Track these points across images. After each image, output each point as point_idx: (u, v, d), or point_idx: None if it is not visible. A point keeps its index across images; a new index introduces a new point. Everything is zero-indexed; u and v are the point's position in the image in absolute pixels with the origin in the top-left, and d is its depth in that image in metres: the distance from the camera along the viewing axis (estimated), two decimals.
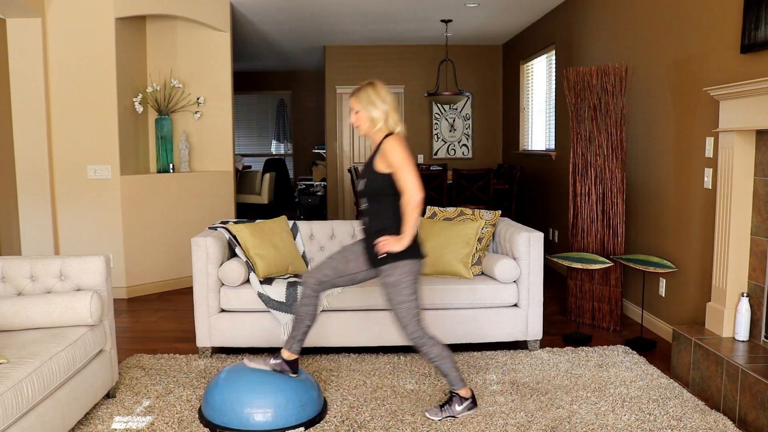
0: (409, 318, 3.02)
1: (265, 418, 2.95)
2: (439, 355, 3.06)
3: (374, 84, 3.03)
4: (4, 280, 3.21)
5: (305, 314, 3.11)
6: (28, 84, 5.27)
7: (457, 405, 3.13)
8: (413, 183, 2.88)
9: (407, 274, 2.99)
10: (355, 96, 3.02)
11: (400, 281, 2.98)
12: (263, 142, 12.77)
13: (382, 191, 2.98)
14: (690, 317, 4.10)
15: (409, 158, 2.91)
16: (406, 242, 2.92)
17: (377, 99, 2.99)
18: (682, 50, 4.19)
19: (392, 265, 2.98)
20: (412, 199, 2.87)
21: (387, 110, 2.99)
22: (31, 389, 2.50)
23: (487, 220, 4.30)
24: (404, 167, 2.89)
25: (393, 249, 2.93)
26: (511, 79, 8.68)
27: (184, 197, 5.98)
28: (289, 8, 6.73)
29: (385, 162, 2.94)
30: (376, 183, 2.99)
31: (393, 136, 2.97)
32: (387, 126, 3.00)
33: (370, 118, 2.99)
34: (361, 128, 3.04)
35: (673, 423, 3.07)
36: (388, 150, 2.92)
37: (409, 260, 2.98)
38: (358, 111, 3.01)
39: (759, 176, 3.45)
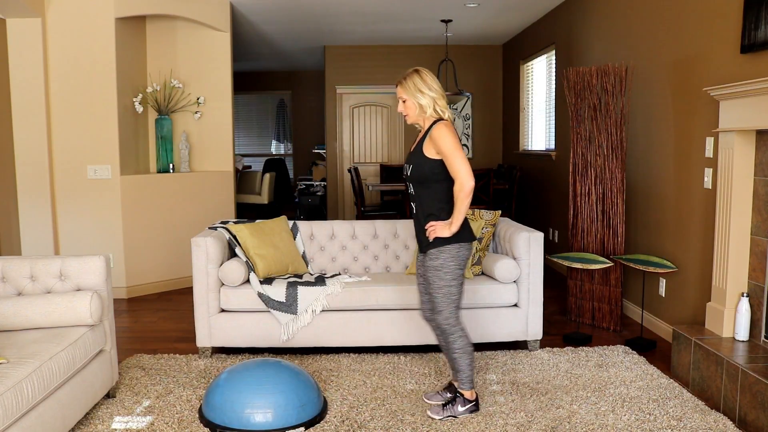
0: (446, 303, 3.03)
1: (265, 419, 2.95)
2: (462, 349, 3.08)
3: (420, 71, 3.01)
4: (4, 280, 3.21)
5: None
6: (28, 84, 5.27)
7: (460, 406, 3.13)
8: (465, 170, 2.88)
9: (452, 259, 2.99)
10: (401, 85, 3.01)
11: (444, 265, 2.99)
12: (263, 142, 12.77)
13: (430, 177, 2.99)
14: (690, 317, 4.10)
15: (459, 145, 2.92)
16: (455, 228, 2.94)
17: (424, 86, 2.98)
18: (682, 50, 4.19)
19: (438, 249, 2.99)
20: (465, 186, 2.88)
21: (435, 97, 2.99)
22: (31, 389, 2.50)
23: (487, 220, 4.30)
24: (455, 154, 2.89)
25: (443, 234, 2.94)
26: (511, 79, 8.68)
27: (184, 197, 5.98)
28: (289, 8, 6.73)
29: (435, 148, 2.94)
30: (424, 168, 2.99)
31: (443, 122, 2.97)
32: (436, 112, 3.00)
33: (418, 105, 2.99)
34: (409, 116, 3.05)
35: (673, 423, 3.07)
36: (438, 136, 2.92)
37: (456, 244, 2.99)
38: (405, 99, 3.01)
39: (759, 176, 3.45)
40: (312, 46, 9.13)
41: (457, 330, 3.07)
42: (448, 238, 2.97)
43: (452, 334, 3.07)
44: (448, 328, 3.06)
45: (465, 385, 3.13)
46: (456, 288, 3.03)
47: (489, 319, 4.03)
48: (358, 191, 7.27)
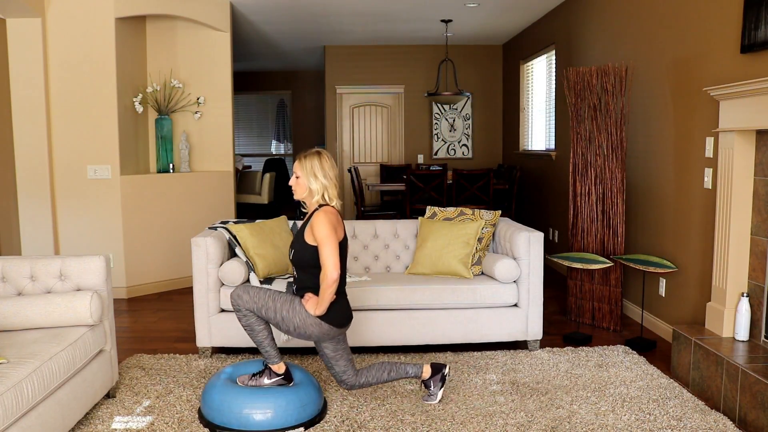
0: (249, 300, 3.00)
1: (265, 418, 2.95)
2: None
3: (321, 155, 3.05)
4: (4, 280, 3.21)
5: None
6: (28, 84, 5.27)
7: (266, 378, 3.10)
8: (332, 261, 2.89)
9: (315, 326, 2.99)
10: (299, 161, 3.05)
11: (304, 326, 2.99)
12: (263, 142, 12.77)
13: (309, 262, 3.01)
14: (690, 317, 4.10)
15: (332, 235, 2.92)
16: (321, 311, 2.96)
17: (320, 171, 3.01)
18: (682, 50, 4.19)
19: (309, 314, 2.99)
20: (327, 276, 2.89)
21: (326, 185, 3.02)
22: (31, 389, 2.50)
23: (487, 220, 4.30)
24: (326, 243, 2.90)
25: (309, 311, 2.97)
26: (511, 79, 8.68)
27: (184, 197, 5.98)
28: (289, 8, 6.73)
29: (311, 235, 2.97)
30: (304, 254, 3.02)
31: (323, 209, 2.98)
32: (323, 198, 3.03)
33: (308, 187, 3.02)
34: (297, 192, 3.08)
35: (673, 423, 3.07)
36: (315, 224, 2.95)
37: (319, 320, 2.99)
38: (299, 177, 3.05)
39: (759, 176, 3.45)
40: (312, 46, 9.13)
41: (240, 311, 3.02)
42: (325, 317, 2.99)
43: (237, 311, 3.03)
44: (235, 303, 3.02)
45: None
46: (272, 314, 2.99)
47: (489, 319, 4.03)
48: (358, 191, 7.27)
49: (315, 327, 3.01)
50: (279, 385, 3.13)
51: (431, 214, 4.52)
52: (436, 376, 3.29)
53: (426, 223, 4.40)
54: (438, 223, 4.32)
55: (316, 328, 3.01)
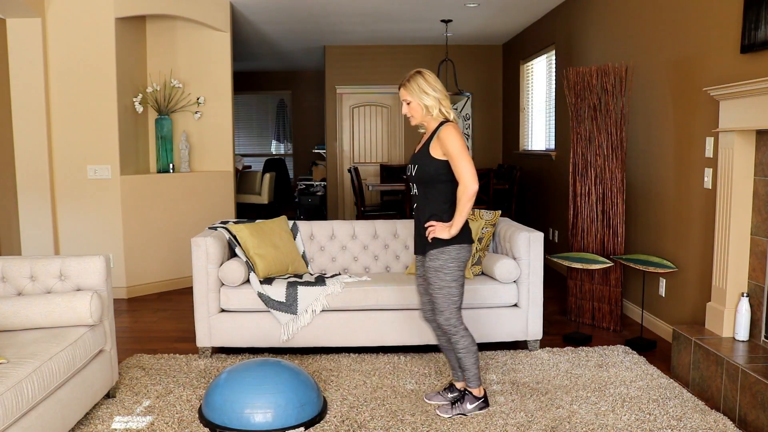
0: (447, 304, 3.02)
1: (265, 419, 2.95)
2: (466, 348, 3.08)
3: (422, 72, 3.00)
4: (4, 280, 3.21)
5: (444, 343, 3.21)
6: (28, 84, 5.27)
7: (468, 403, 3.14)
8: (470, 173, 2.89)
9: (452, 260, 2.99)
10: (404, 87, 3.01)
11: (444, 266, 2.99)
12: (263, 142, 12.77)
13: (435, 177, 2.99)
14: (690, 317, 4.10)
15: (466, 148, 2.93)
16: (455, 231, 2.94)
17: (428, 87, 2.98)
18: (682, 50, 4.19)
19: (439, 249, 2.99)
20: (468, 188, 2.88)
21: (439, 97, 2.99)
22: (31, 389, 2.50)
23: (487, 220, 4.30)
24: (462, 156, 2.89)
25: (442, 236, 2.94)
26: (511, 79, 8.68)
27: (184, 197, 5.98)
28: (289, 8, 6.73)
29: (443, 149, 2.94)
30: (429, 169, 2.99)
31: (450, 124, 2.97)
32: (441, 113, 3.00)
33: (424, 106, 2.99)
34: (414, 118, 3.04)
35: (673, 423, 3.07)
36: (446, 137, 2.92)
37: (456, 245, 2.98)
38: (410, 102, 3.01)
39: (759, 176, 3.45)
40: (312, 46, 9.13)
41: (459, 330, 3.06)
42: (448, 239, 2.97)
43: (455, 335, 3.07)
44: (450, 328, 3.06)
45: (472, 383, 3.14)
46: (456, 289, 3.03)
47: (489, 319, 4.03)
48: (358, 191, 7.27)
49: (464, 252, 3.00)
50: (480, 409, 3.15)
51: None
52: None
53: None
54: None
55: (464, 252, 3.00)
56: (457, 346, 3.08)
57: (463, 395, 3.17)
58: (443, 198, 3.00)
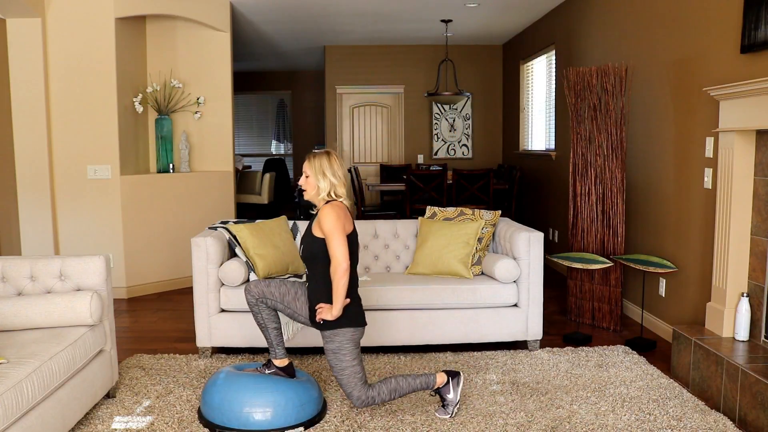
0: (354, 383, 3.03)
1: (264, 418, 2.95)
2: (393, 391, 3.08)
3: (330, 155, 3.06)
4: (4, 280, 3.21)
5: (264, 320, 3.16)
6: (28, 84, 5.27)
7: (448, 394, 3.14)
8: (341, 251, 2.92)
9: (347, 342, 3.01)
10: (309, 161, 3.07)
11: (340, 348, 3.01)
12: (263, 142, 12.77)
13: (317, 256, 3.03)
14: (690, 317, 4.10)
15: (340, 227, 2.94)
16: (336, 311, 2.95)
17: (329, 170, 3.03)
18: (682, 50, 4.19)
19: (332, 332, 3.01)
20: (338, 267, 2.92)
21: (335, 183, 3.04)
22: (31, 389, 2.50)
23: (487, 220, 4.30)
24: (334, 234, 2.93)
25: (326, 318, 2.97)
26: (511, 79, 8.68)
27: (184, 197, 5.98)
28: (289, 8, 6.73)
29: (320, 228, 2.99)
30: (313, 248, 3.04)
31: (330, 204, 3.00)
32: (330, 196, 3.05)
33: (316, 185, 3.04)
34: (307, 192, 3.10)
35: (673, 423, 3.07)
36: (322, 217, 2.98)
37: (348, 329, 3.01)
38: (308, 176, 3.07)
39: (759, 176, 3.45)
40: (312, 46, 9.13)
41: (373, 396, 3.04)
42: (341, 321, 2.98)
43: (374, 402, 3.06)
44: (366, 403, 3.04)
45: (430, 384, 3.12)
46: (358, 365, 3.03)
47: (489, 319, 4.03)
48: (358, 191, 7.27)
49: (355, 334, 3.03)
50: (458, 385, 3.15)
51: (431, 214, 4.52)
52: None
53: (426, 223, 4.40)
54: (438, 223, 4.32)
55: (356, 334, 3.03)
56: (386, 400, 3.07)
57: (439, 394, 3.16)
58: (328, 277, 3.00)
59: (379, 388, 3.06)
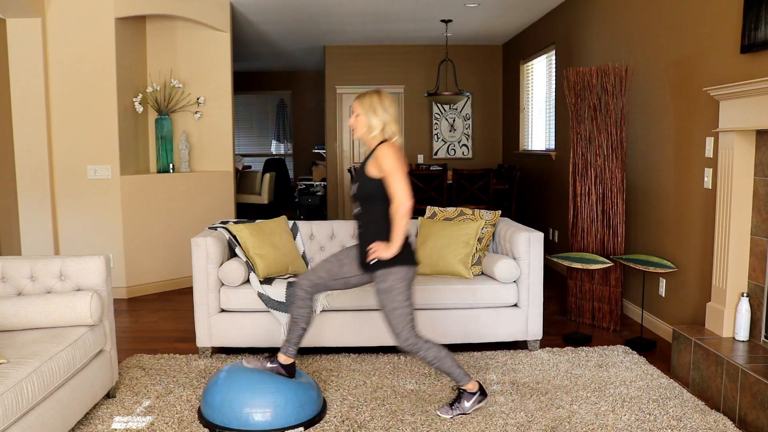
0: (402, 324, 3.02)
1: (264, 418, 2.95)
2: (436, 357, 3.06)
3: (380, 92, 3.04)
4: (4, 280, 3.21)
5: (300, 317, 3.14)
6: (28, 84, 5.27)
7: (465, 401, 3.14)
8: (403, 190, 2.90)
9: (400, 281, 3.00)
10: (359, 100, 3.05)
11: (392, 287, 2.99)
12: (263, 142, 12.77)
13: (373, 196, 3.00)
14: (690, 317, 4.10)
15: (400, 166, 2.93)
16: (395, 250, 2.94)
17: (379, 107, 3.00)
18: (682, 50, 4.19)
19: (385, 271, 2.99)
20: (401, 206, 2.90)
21: (387, 120, 3.01)
22: (31, 389, 2.50)
23: (487, 220, 4.30)
24: (395, 174, 2.91)
25: (383, 256, 2.94)
26: (511, 79, 8.68)
27: (184, 197, 5.98)
28: (289, 8, 6.73)
29: (377, 167, 2.96)
30: (367, 188, 3.01)
31: (387, 143, 2.99)
32: (383, 134, 3.02)
33: (368, 123, 3.01)
34: (357, 131, 3.07)
35: (673, 423, 3.07)
36: (380, 156, 2.95)
37: (401, 267, 2.99)
38: (358, 114, 3.04)
39: (759, 176, 3.45)
40: (312, 46, 9.13)
41: (420, 345, 3.04)
42: (395, 260, 2.97)
43: (418, 351, 3.05)
44: (411, 347, 3.04)
45: (461, 381, 3.13)
46: (408, 308, 3.03)
47: (489, 319, 4.03)
48: None
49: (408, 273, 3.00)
50: (479, 402, 3.14)
51: (431, 214, 4.52)
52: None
53: (426, 223, 4.40)
54: (438, 223, 4.32)
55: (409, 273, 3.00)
56: (427, 359, 3.07)
57: (459, 395, 3.17)
58: (382, 216, 3.00)
59: (428, 344, 3.05)
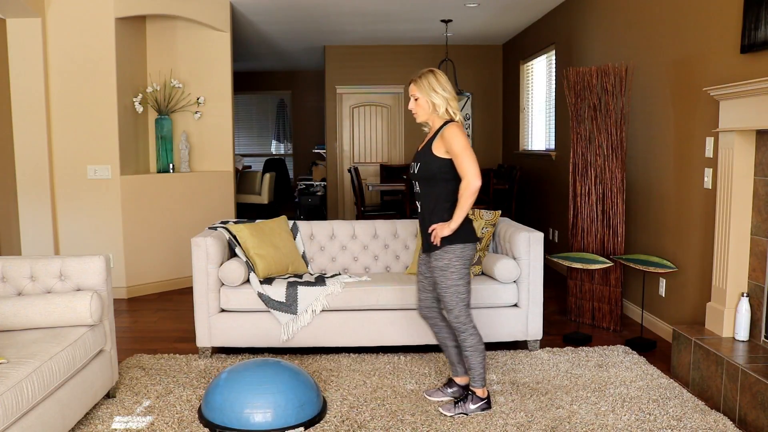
0: (456, 302, 3.05)
1: (264, 419, 2.95)
2: (474, 347, 3.10)
3: (435, 72, 3.05)
4: (4, 280, 3.21)
5: (443, 339, 3.28)
6: (28, 84, 5.27)
7: (471, 404, 3.15)
8: (474, 169, 2.93)
9: (457, 259, 3.02)
10: (415, 83, 3.05)
11: (449, 265, 3.02)
12: (263, 142, 12.77)
13: (437, 175, 3.02)
14: (690, 317, 4.10)
15: (469, 146, 2.97)
16: (454, 227, 2.97)
17: (438, 86, 3.02)
18: (682, 50, 4.19)
19: (443, 249, 3.02)
20: (471, 185, 2.92)
21: (447, 98, 3.03)
22: (31, 389, 2.50)
23: (487, 220, 4.30)
24: (466, 153, 2.94)
25: (443, 234, 2.98)
26: (511, 79, 8.68)
27: (184, 197, 5.98)
28: (289, 8, 6.73)
29: (446, 146, 2.98)
30: (432, 167, 3.02)
31: (454, 123, 3.02)
32: (447, 113, 3.04)
33: (431, 103, 3.03)
34: (419, 115, 3.08)
35: (673, 423, 3.07)
36: (449, 136, 2.96)
37: (459, 244, 3.01)
38: (418, 98, 3.04)
39: (759, 176, 3.45)
40: (312, 46, 9.13)
41: (468, 328, 3.09)
42: (452, 238, 2.99)
43: (464, 332, 3.09)
44: (460, 326, 3.08)
45: (477, 382, 3.15)
46: (464, 287, 3.06)
47: (489, 319, 4.03)
48: (358, 191, 7.27)
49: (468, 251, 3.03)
50: (482, 410, 3.16)
51: None
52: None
53: None
54: None
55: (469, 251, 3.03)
56: (465, 343, 3.10)
57: (466, 395, 3.18)
58: (444, 196, 3.03)
59: (475, 331, 3.10)
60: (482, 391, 3.17)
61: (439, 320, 3.30)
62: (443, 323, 3.29)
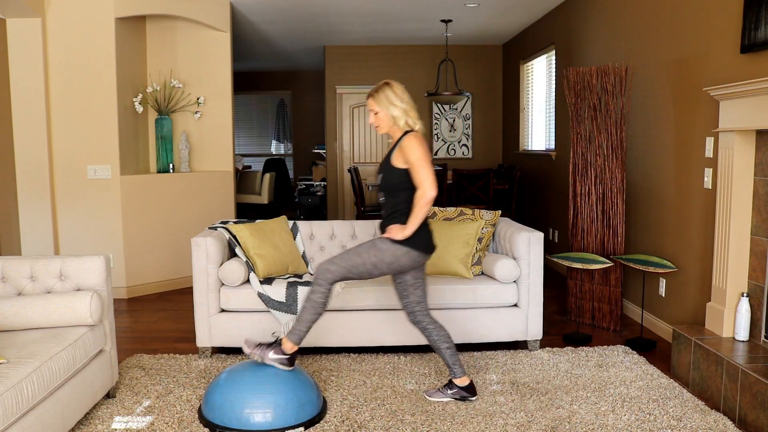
0: (342, 265, 3.03)
1: (264, 419, 2.95)
2: (313, 302, 3.07)
3: (391, 84, 3.10)
4: (4, 280, 3.21)
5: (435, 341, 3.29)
6: (28, 84, 5.27)
7: (272, 353, 3.07)
8: (429, 180, 2.95)
9: (390, 254, 3.04)
10: (372, 97, 3.10)
11: (381, 249, 3.03)
12: (263, 142, 12.77)
13: (397, 186, 3.06)
14: (690, 317, 4.10)
15: (426, 156, 3.00)
16: (408, 233, 3.00)
17: (395, 98, 3.07)
18: (682, 50, 4.19)
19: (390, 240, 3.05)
20: (426, 194, 2.94)
21: (406, 108, 3.08)
22: (31, 389, 2.50)
23: (487, 220, 4.30)
24: (421, 164, 2.97)
25: (395, 237, 3.01)
26: (511, 79, 8.68)
27: (184, 197, 5.98)
28: (289, 8, 6.73)
29: (403, 157, 3.01)
30: (392, 178, 3.07)
31: (412, 134, 3.06)
32: (407, 123, 3.08)
33: (390, 116, 3.07)
34: (381, 128, 3.13)
35: (673, 423, 3.07)
36: (407, 147, 3.00)
37: (406, 247, 3.04)
38: (377, 112, 3.08)
39: (759, 176, 3.45)
40: (312, 46, 9.13)
41: (323, 285, 3.05)
42: (404, 240, 3.03)
43: (315, 285, 3.05)
44: (318, 279, 3.05)
45: (293, 335, 3.08)
46: (362, 267, 3.05)
47: (489, 319, 4.03)
48: (358, 191, 7.27)
49: (406, 257, 3.05)
50: (282, 364, 3.09)
51: (431, 214, 4.52)
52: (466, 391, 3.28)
53: None
54: (438, 223, 4.32)
55: (407, 257, 3.05)
56: (310, 295, 3.06)
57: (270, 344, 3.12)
58: (406, 205, 3.06)
59: (325, 293, 3.05)
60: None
61: (428, 323, 3.31)
62: (433, 326, 3.31)
